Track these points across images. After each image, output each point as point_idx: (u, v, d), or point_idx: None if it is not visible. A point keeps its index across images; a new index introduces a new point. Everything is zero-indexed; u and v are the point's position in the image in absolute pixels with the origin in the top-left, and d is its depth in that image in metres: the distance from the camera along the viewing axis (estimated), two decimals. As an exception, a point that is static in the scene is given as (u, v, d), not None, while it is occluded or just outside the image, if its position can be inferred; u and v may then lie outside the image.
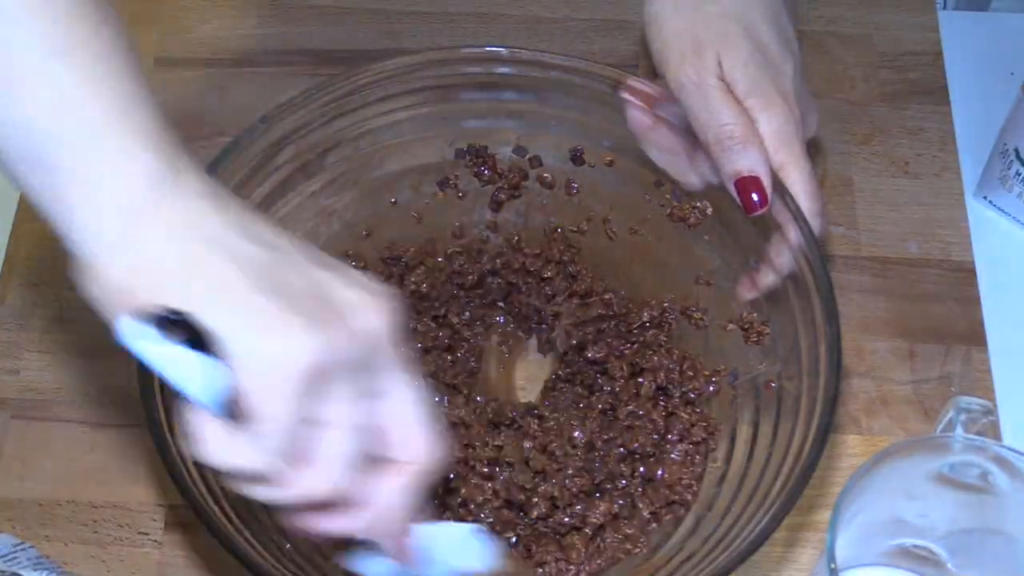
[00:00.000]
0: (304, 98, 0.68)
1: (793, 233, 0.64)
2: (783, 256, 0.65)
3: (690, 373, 0.71)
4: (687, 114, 0.66)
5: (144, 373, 0.59)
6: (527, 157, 0.74)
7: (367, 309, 0.49)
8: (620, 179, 0.73)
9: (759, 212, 0.65)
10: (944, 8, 0.97)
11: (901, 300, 0.81)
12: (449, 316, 0.76)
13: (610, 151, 0.73)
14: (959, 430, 0.61)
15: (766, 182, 0.64)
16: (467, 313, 0.76)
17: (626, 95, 0.69)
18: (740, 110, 0.65)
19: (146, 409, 0.58)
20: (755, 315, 0.69)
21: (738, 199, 0.65)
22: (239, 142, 0.66)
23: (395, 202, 0.75)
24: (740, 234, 0.69)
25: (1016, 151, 0.80)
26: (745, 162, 0.64)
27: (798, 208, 0.64)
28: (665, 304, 0.73)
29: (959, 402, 0.62)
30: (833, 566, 0.56)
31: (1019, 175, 0.81)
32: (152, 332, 0.45)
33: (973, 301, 0.80)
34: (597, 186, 0.74)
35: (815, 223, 0.65)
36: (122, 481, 0.73)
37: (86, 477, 0.73)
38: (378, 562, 0.56)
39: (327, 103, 0.68)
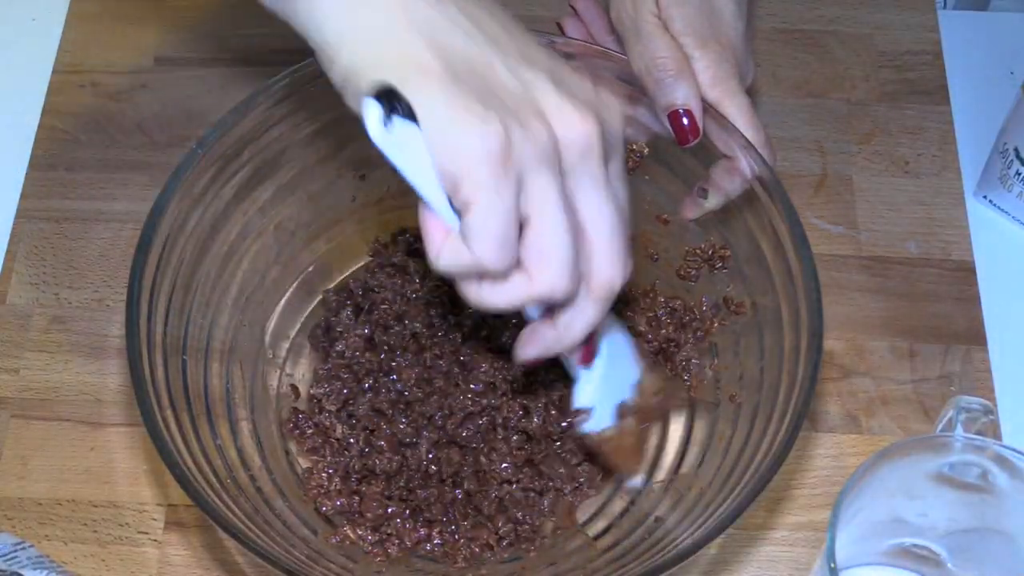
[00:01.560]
0: (245, 106, 0.67)
1: (744, 163, 0.66)
2: (729, 180, 0.67)
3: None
4: (624, 50, 0.68)
5: (142, 373, 0.59)
6: None
7: (567, 116, 0.49)
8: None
9: (691, 143, 0.67)
10: (944, 8, 0.97)
11: (901, 300, 0.81)
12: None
13: None
14: (959, 430, 0.61)
15: (697, 114, 0.66)
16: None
17: None
18: (674, 45, 0.67)
19: (145, 409, 0.58)
20: (713, 241, 0.71)
21: (671, 130, 0.67)
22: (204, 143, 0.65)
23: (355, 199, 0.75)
24: (682, 167, 0.71)
25: (1016, 150, 0.80)
26: (678, 94, 0.66)
27: (744, 138, 0.66)
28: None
29: (959, 401, 0.62)
30: (833, 565, 0.56)
31: (1019, 174, 0.81)
32: (378, 110, 0.47)
33: (973, 301, 0.80)
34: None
35: (764, 153, 0.66)
36: (122, 481, 0.73)
37: (86, 477, 0.73)
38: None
39: (268, 108, 0.68)
